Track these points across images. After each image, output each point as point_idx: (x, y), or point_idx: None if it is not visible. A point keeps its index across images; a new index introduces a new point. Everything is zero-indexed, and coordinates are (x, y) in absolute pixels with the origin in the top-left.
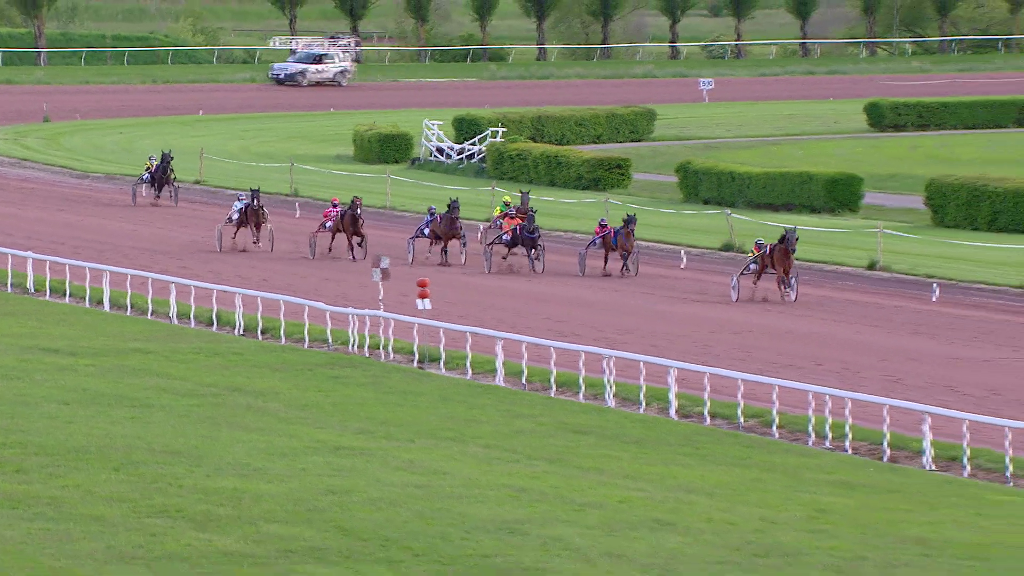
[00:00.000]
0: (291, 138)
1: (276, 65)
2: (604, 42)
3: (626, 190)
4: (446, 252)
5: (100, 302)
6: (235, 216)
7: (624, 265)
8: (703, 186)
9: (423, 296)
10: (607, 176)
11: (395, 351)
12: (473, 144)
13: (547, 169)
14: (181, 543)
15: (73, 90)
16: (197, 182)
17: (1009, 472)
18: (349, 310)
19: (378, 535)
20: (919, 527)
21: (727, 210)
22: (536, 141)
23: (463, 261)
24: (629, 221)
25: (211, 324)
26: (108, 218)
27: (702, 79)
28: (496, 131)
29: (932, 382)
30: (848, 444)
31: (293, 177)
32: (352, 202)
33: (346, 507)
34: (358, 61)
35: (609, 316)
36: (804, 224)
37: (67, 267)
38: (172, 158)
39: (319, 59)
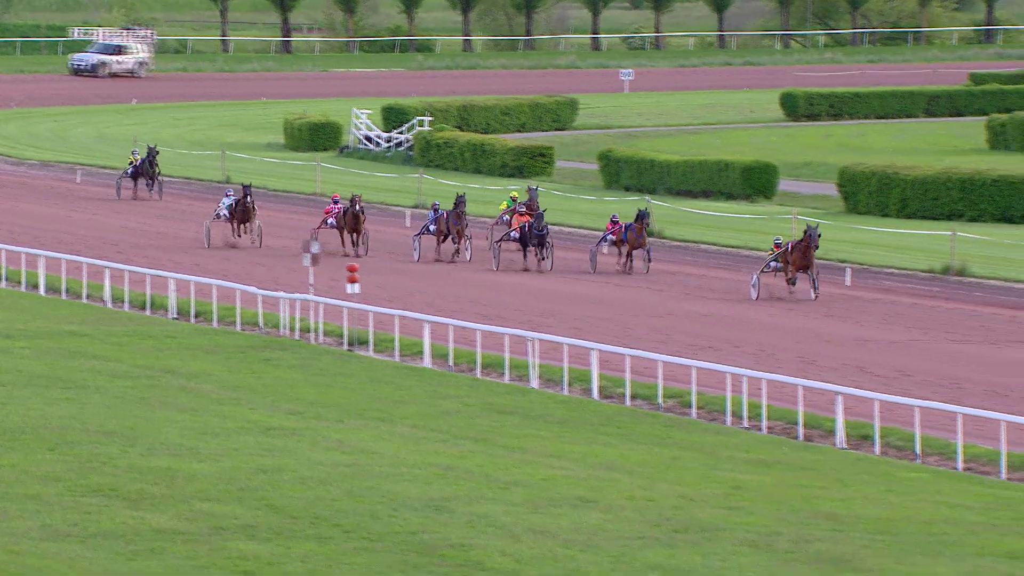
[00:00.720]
0: (223, 126)
1: (76, 56)
2: (528, 34)
3: (550, 177)
4: (457, 248)
5: (36, 286)
6: (224, 212)
7: (630, 259)
8: (624, 174)
9: (352, 280)
10: (531, 164)
11: (325, 334)
12: (401, 133)
13: (473, 157)
14: (116, 521)
15: (8, 79)
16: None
17: (918, 450)
18: (280, 294)
19: (308, 513)
20: (832, 503)
21: (647, 197)
22: (462, 130)
23: (468, 258)
24: (642, 216)
25: (145, 308)
26: (44, 205)
27: (623, 70)
28: (423, 120)
29: (844, 363)
30: (764, 423)
31: (225, 164)
32: (352, 199)
33: (277, 485)
34: (155, 52)
35: (533, 300)
36: (721, 211)
37: (3, 252)
38: (158, 152)
39: (118, 50)
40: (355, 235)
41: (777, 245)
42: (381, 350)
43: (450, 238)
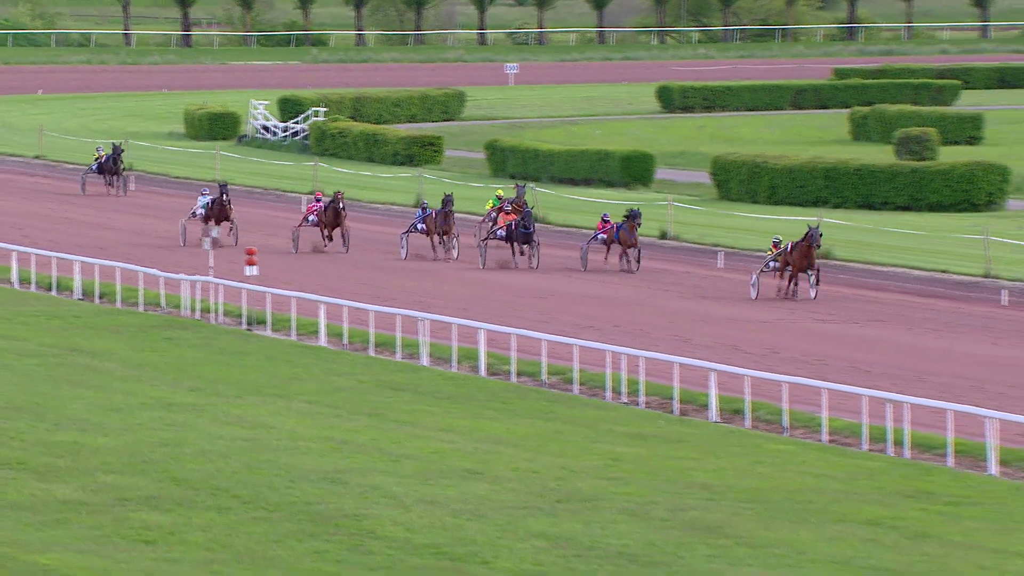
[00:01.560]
0: (127, 116)
1: None
2: (418, 29)
3: (439, 166)
4: (445, 247)
5: None
6: (200, 211)
7: (626, 260)
8: (510, 162)
9: (251, 263)
10: (421, 153)
11: (225, 314)
12: (297, 123)
13: (366, 146)
14: (23, 493)
15: None
16: (37, 157)
17: (786, 423)
18: (181, 276)
19: (208, 484)
20: (705, 473)
21: (532, 184)
22: (355, 120)
23: (455, 256)
24: (633, 216)
25: (51, 289)
26: None
27: (508, 64)
28: (318, 111)
29: (717, 341)
30: (642, 399)
31: (129, 153)
32: (334, 196)
33: (178, 459)
34: None
35: (426, 283)
36: (602, 197)
37: None
38: (123, 150)
39: None
40: (336, 231)
41: (776, 245)
42: (278, 329)
43: (437, 236)
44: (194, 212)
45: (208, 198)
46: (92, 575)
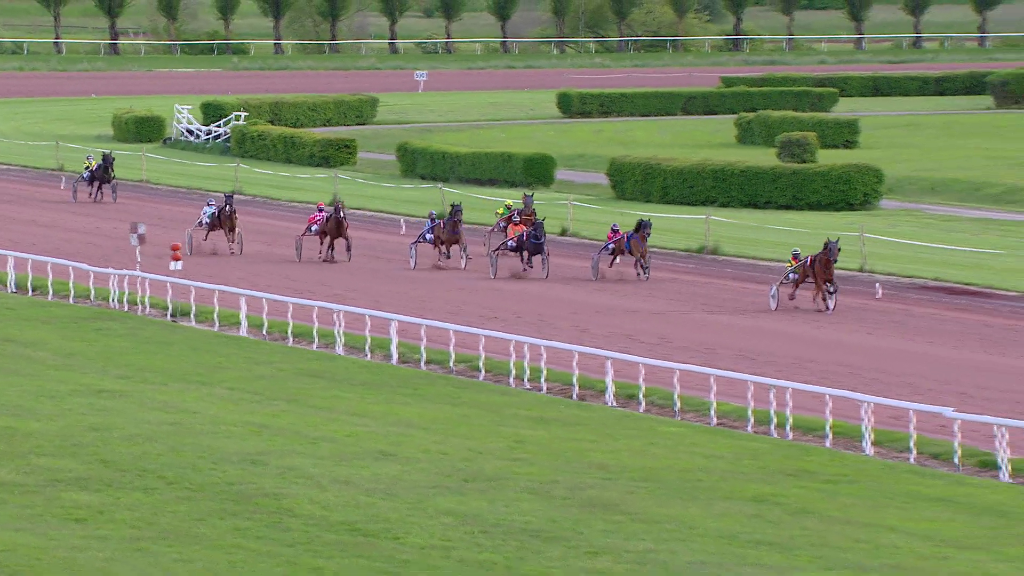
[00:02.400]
0: (58, 120)
1: None
2: (332, 39)
3: (353, 167)
4: (448, 255)
5: None
6: (205, 220)
7: (639, 268)
8: (419, 164)
9: (175, 259)
10: (336, 155)
11: (151, 306)
12: (219, 126)
13: (284, 148)
14: None
15: None
16: None
17: (677, 407)
18: (110, 270)
19: (135, 466)
20: (602, 454)
21: (440, 184)
22: (274, 124)
23: (463, 266)
24: (643, 226)
25: None
26: None
27: (417, 71)
28: (239, 115)
29: (614, 331)
30: (543, 385)
31: (59, 154)
32: (336, 207)
33: (107, 442)
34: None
35: (339, 277)
36: (505, 196)
37: None
38: (114, 159)
39: None
40: (338, 240)
41: (795, 257)
42: (202, 321)
43: (445, 245)
44: (200, 222)
45: (214, 208)
46: (26, 552)
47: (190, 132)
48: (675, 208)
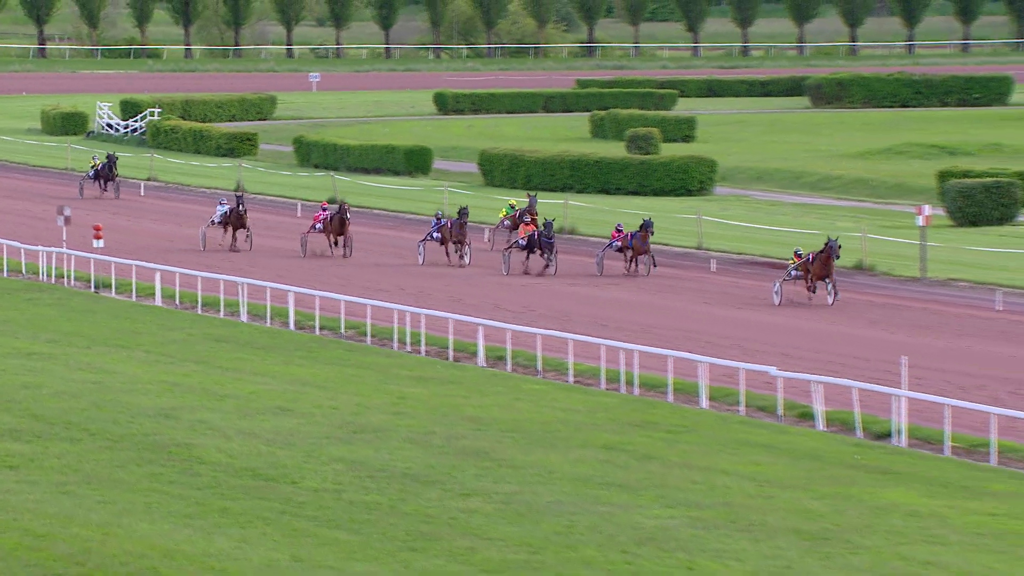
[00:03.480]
0: None
1: None
2: (236, 44)
3: (255, 157)
4: (460, 254)
5: None
6: (217, 219)
7: (638, 264)
8: (313, 154)
9: (97, 237)
10: (240, 146)
11: (76, 279)
12: (136, 121)
13: (194, 140)
14: None
15: None
16: None
17: (539, 367)
18: (39, 247)
19: (62, 420)
20: (474, 409)
21: (332, 173)
22: (185, 119)
23: (467, 262)
24: (646, 226)
25: None
26: None
27: (311, 74)
28: (154, 111)
29: (483, 301)
30: (423, 348)
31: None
32: (340, 206)
33: (37, 399)
34: None
35: (242, 256)
36: (389, 183)
37: None
38: (117, 159)
39: None
40: (341, 238)
41: (797, 255)
42: (121, 292)
43: (452, 243)
44: (213, 220)
45: (226, 207)
46: None
47: (110, 126)
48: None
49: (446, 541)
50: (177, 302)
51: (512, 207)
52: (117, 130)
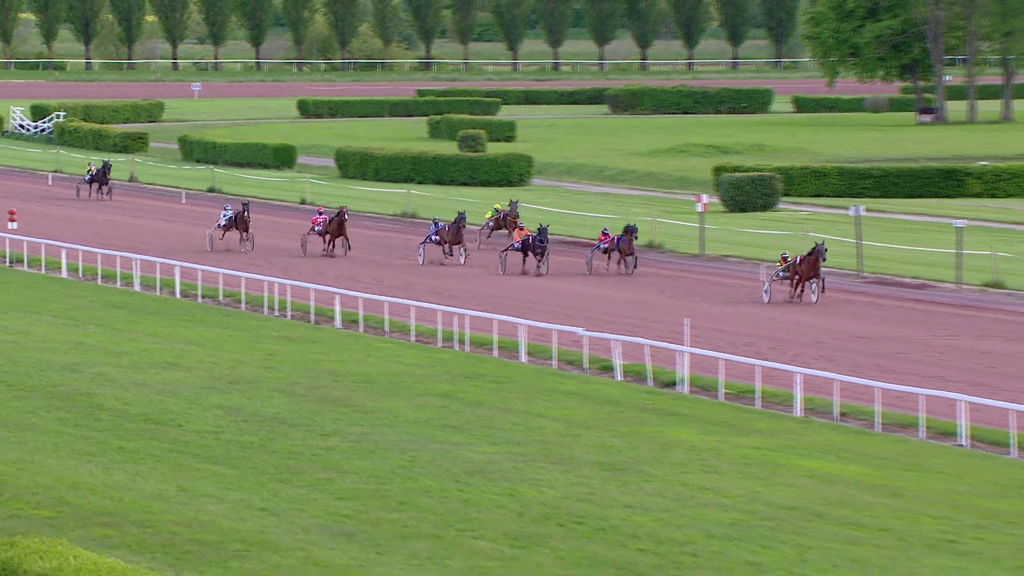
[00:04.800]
0: None
1: None
2: (130, 58)
3: (146, 153)
4: (450, 254)
5: None
6: (223, 223)
7: (624, 264)
8: (196, 151)
9: (12, 220)
10: (133, 144)
11: None
12: (45, 123)
13: (94, 139)
14: None
15: None
16: None
17: (387, 329)
18: None
19: None
20: (332, 363)
21: (211, 166)
22: (86, 121)
23: (462, 262)
24: (631, 230)
25: None
26: None
27: (194, 84)
28: (60, 114)
29: (341, 275)
30: (289, 313)
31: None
32: (339, 210)
33: None
34: None
35: (133, 234)
36: (260, 175)
37: None
38: (111, 166)
39: None
40: (340, 238)
41: (784, 258)
42: (33, 266)
43: (448, 246)
44: (219, 224)
45: (231, 212)
46: None
47: (22, 127)
48: (384, 184)
49: (308, 474)
50: (80, 275)
51: (496, 210)
52: (28, 130)
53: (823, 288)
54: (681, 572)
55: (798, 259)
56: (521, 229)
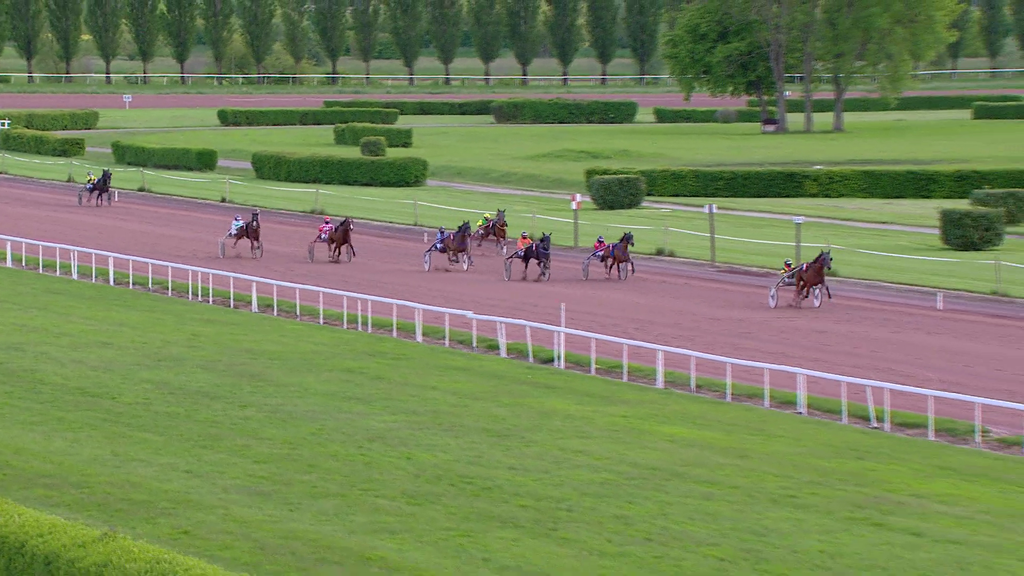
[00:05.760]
0: None
1: None
2: (68, 73)
3: (83, 156)
4: (456, 261)
5: None
6: (234, 232)
7: (620, 270)
8: (127, 155)
9: None
10: (71, 148)
11: None
12: None
13: (35, 144)
14: None
15: None
16: None
17: (298, 312)
18: None
19: None
20: (249, 343)
21: (141, 168)
22: (28, 128)
23: (465, 268)
24: (627, 238)
25: None
26: None
27: (125, 95)
28: (4, 122)
29: (259, 265)
30: (211, 298)
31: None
32: (344, 220)
33: None
34: None
35: (71, 229)
36: (184, 176)
37: None
38: (111, 175)
39: None
40: (345, 246)
41: (788, 265)
42: None
43: (452, 252)
44: (230, 233)
45: (241, 222)
46: None
47: None
48: (296, 184)
49: (228, 440)
50: (23, 264)
51: (486, 219)
52: None
53: (829, 295)
54: (557, 525)
55: (804, 266)
56: (524, 238)
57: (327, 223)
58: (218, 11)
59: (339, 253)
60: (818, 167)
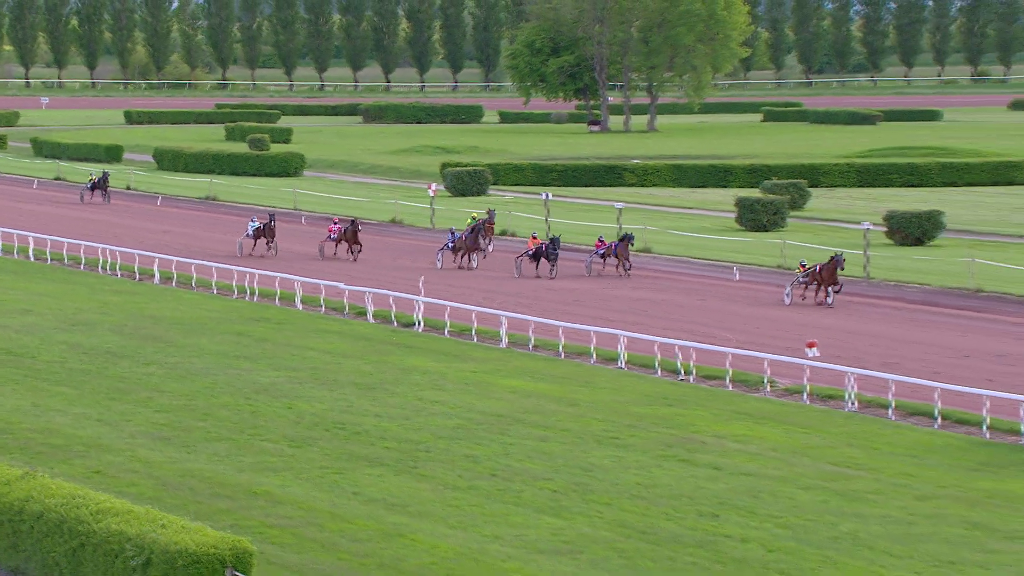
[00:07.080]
0: None
1: None
2: None
3: (5, 150)
4: (468, 259)
5: None
6: (251, 232)
7: (621, 268)
8: (44, 149)
9: None
10: None
11: None
12: None
13: None
14: None
15: None
16: None
17: (194, 284)
18: None
19: None
20: (153, 309)
21: (57, 160)
22: None
23: (475, 266)
24: (627, 238)
25: None
26: None
27: (43, 97)
28: None
29: (179, 242)
30: (118, 272)
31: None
32: (353, 220)
33: None
34: None
35: (33, 220)
36: (94, 167)
37: None
38: (109, 175)
39: None
40: (354, 245)
41: (803, 266)
42: None
43: (463, 252)
44: (247, 233)
45: (258, 223)
46: None
47: None
48: (192, 175)
49: (134, 393)
50: None
51: (474, 218)
52: None
53: (838, 292)
54: (417, 464)
55: (818, 267)
56: (534, 238)
57: (335, 224)
58: (123, 26)
59: (350, 251)
60: (635, 161)
